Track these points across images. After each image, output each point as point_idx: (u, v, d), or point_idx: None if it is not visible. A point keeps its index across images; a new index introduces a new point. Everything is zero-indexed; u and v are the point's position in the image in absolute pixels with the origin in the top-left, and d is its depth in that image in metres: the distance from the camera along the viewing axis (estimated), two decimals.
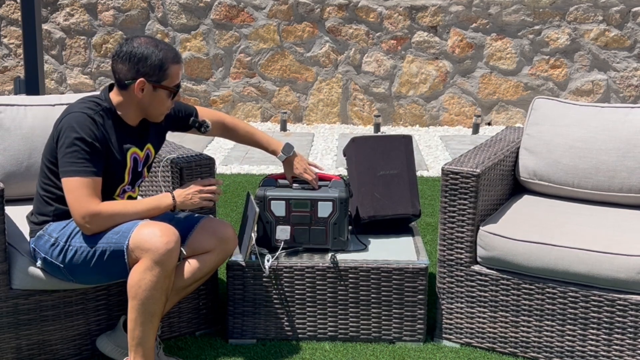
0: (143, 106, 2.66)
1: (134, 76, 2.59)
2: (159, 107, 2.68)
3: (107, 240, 2.56)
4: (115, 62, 2.62)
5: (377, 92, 7.02)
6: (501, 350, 2.96)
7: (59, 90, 7.20)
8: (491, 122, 7.03)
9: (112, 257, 2.56)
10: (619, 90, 6.83)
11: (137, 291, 2.51)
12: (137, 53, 2.58)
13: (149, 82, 2.60)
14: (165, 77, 2.62)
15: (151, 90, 2.62)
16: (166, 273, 2.53)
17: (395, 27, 6.88)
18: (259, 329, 3.03)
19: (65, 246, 2.59)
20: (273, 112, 7.12)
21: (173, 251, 2.52)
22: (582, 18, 6.74)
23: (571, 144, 3.19)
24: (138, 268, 2.52)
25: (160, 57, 2.59)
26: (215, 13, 6.97)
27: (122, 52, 2.60)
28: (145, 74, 2.59)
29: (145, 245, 2.50)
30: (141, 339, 2.57)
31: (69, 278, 2.66)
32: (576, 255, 2.74)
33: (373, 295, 2.98)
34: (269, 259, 2.95)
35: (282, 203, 3.00)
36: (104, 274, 2.65)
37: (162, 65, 2.60)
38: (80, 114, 2.58)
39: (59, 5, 7.05)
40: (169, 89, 2.64)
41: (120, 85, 2.63)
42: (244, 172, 5.54)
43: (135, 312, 2.55)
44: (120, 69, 2.61)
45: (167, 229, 2.53)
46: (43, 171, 2.68)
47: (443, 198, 2.95)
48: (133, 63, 2.58)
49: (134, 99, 2.63)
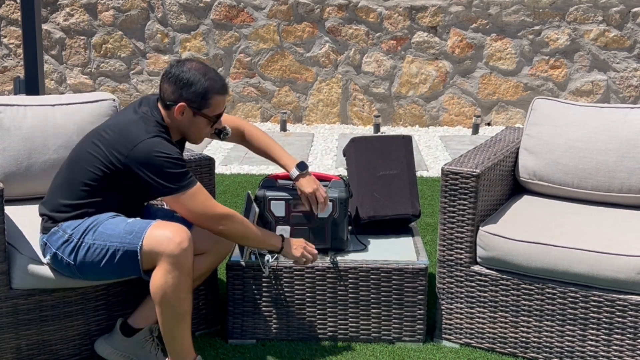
0: (181, 129, 2.71)
1: (177, 99, 2.64)
2: (197, 132, 2.73)
3: (121, 239, 2.57)
4: (162, 81, 2.67)
5: (377, 92, 7.02)
6: (501, 350, 2.96)
7: (59, 90, 7.20)
8: (491, 122, 7.03)
9: (125, 257, 2.57)
10: (619, 91, 6.83)
11: (162, 296, 2.54)
12: (183, 78, 2.62)
13: (190, 108, 2.65)
14: (207, 106, 2.66)
15: (191, 115, 2.66)
16: (185, 272, 2.55)
17: (395, 27, 6.88)
18: (259, 329, 3.03)
19: (78, 243, 2.60)
20: (273, 112, 7.12)
21: (187, 250, 2.54)
22: (582, 18, 6.74)
23: (571, 144, 3.19)
24: (157, 274, 2.54)
25: (205, 85, 2.63)
26: (215, 13, 6.97)
27: (171, 73, 2.64)
28: (187, 99, 2.63)
29: (159, 248, 2.52)
30: (178, 338, 2.60)
31: (77, 275, 2.66)
32: (576, 255, 2.74)
33: (373, 296, 2.98)
34: (268, 259, 2.95)
35: (282, 203, 3.00)
36: (115, 273, 2.65)
37: (206, 94, 2.63)
38: (158, 139, 2.58)
39: (58, 5, 7.05)
40: (208, 117, 2.68)
41: (164, 105, 2.68)
42: (244, 172, 5.54)
43: (165, 316, 2.57)
44: (166, 89, 2.65)
45: (179, 229, 2.55)
46: (85, 175, 2.63)
47: (443, 198, 2.95)
48: (178, 86, 2.62)
49: (175, 120, 2.68)
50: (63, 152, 3.11)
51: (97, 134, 2.67)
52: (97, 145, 2.63)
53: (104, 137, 2.62)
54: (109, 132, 2.63)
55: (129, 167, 2.56)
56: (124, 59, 7.12)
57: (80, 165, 2.65)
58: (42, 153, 3.10)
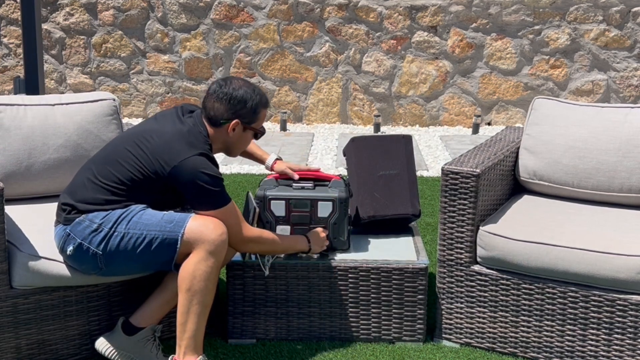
0: (229, 144, 2.81)
1: (230, 117, 2.74)
2: (242, 146, 2.88)
3: (160, 227, 2.61)
4: (212, 100, 2.74)
5: (377, 92, 7.02)
6: (501, 350, 2.96)
7: (59, 90, 7.20)
8: (491, 122, 7.03)
9: (163, 246, 2.61)
10: (619, 90, 6.83)
11: (192, 282, 2.57)
12: (237, 96, 2.72)
13: (242, 124, 2.75)
14: (255, 120, 2.79)
15: (241, 130, 2.78)
16: (218, 264, 2.62)
17: (395, 27, 6.87)
18: (259, 329, 3.03)
19: (110, 232, 2.62)
20: (273, 112, 7.12)
21: (225, 242, 2.63)
22: (582, 18, 6.74)
23: (571, 144, 3.19)
24: (192, 259, 2.58)
25: (256, 101, 2.75)
26: (215, 13, 6.97)
27: (222, 92, 2.72)
28: (240, 115, 2.74)
29: (202, 237, 2.58)
30: (194, 331, 2.62)
31: (99, 267, 2.66)
32: (576, 255, 2.74)
33: (373, 295, 2.98)
34: (269, 259, 2.95)
35: (282, 203, 3.00)
36: (145, 264, 2.68)
37: (256, 109, 2.76)
38: (205, 158, 2.65)
39: (58, 5, 7.05)
40: (256, 130, 2.82)
41: (212, 122, 2.75)
42: (244, 172, 5.54)
43: (189, 304, 2.59)
44: (217, 108, 2.73)
45: (218, 222, 2.63)
46: (125, 170, 2.67)
47: (443, 198, 2.95)
48: (232, 105, 2.73)
49: (224, 136, 2.77)
50: (63, 152, 3.12)
51: (140, 135, 2.72)
52: (139, 147, 2.68)
53: (148, 142, 2.68)
54: (155, 138, 2.68)
55: (171, 179, 2.64)
56: (124, 59, 7.11)
57: (117, 162, 2.69)
58: (42, 153, 3.10)
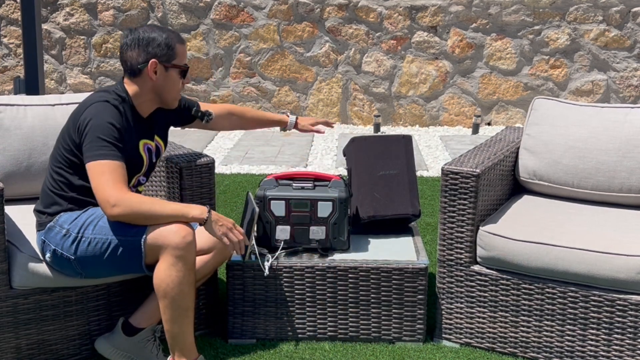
0: (158, 90, 2.74)
1: (145, 59, 2.68)
2: (172, 89, 2.76)
3: (123, 233, 2.56)
4: (124, 51, 2.71)
5: (377, 92, 7.02)
6: (501, 350, 2.96)
7: (59, 90, 7.20)
8: (491, 122, 7.03)
9: (128, 251, 2.56)
10: (619, 91, 6.83)
11: (165, 289, 2.54)
12: (144, 37, 2.68)
13: (161, 63, 2.69)
14: (174, 56, 2.71)
15: (163, 71, 2.71)
16: (189, 266, 2.55)
17: (395, 27, 6.88)
18: (259, 329, 3.03)
19: (77, 237, 2.60)
20: (273, 112, 7.12)
21: (192, 244, 2.55)
22: (582, 18, 6.74)
23: (571, 144, 3.19)
24: (161, 266, 2.53)
25: (164, 36, 2.70)
26: (215, 13, 6.97)
27: (130, 39, 2.69)
28: (155, 54, 2.68)
29: (164, 241, 2.51)
30: (180, 335, 2.60)
31: (78, 271, 2.65)
32: (576, 255, 2.74)
33: (373, 295, 2.98)
34: (268, 259, 2.95)
35: (281, 203, 3.00)
36: (117, 268, 2.65)
37: (169, 44, 2.70)
38: (105, 103, 2.65)
39: (58, 5, 7.05)
40: (179, 67, 2.73)
41: (132, 73, 2.71)
42: (243, 172, 5.54)
43: (169, 310, 2.57)
44: (131, 56, 2.69)
45: (181, 225, 2.55)
46: (58, 161, 2.69)
47: (443, 198, 2.95)
48: (142, 47, 2.68)
49: (148, 84, 2.71)
50: None
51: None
52: (59, 139, 2.72)
53: (63, 127, 2.72)
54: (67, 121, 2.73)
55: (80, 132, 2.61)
56: None
57: (52, 156, 2.73)
58: (42, 153, 3.10)
